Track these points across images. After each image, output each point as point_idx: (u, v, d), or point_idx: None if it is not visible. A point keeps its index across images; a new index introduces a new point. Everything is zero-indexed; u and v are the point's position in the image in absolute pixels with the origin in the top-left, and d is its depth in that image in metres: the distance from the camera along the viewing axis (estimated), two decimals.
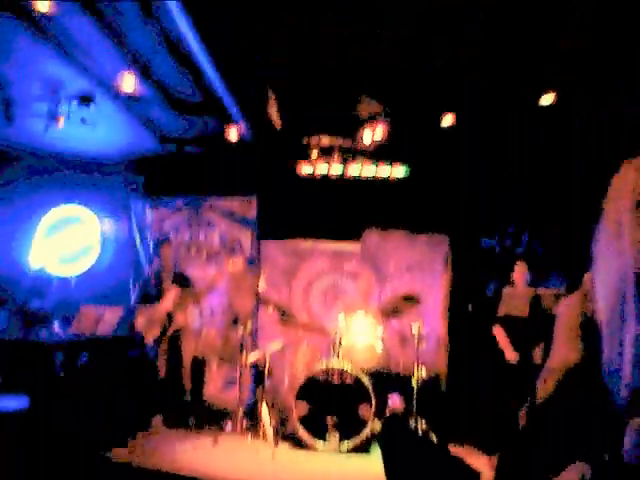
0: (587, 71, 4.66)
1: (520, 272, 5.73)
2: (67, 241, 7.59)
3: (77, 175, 7.59)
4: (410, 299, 5.94)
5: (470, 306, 6.63)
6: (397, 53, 4.65)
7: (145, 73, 5.07)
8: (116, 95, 5.37)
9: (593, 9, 3.79)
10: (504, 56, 4.56)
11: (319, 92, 5.43)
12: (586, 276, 4.71)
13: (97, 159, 7.41)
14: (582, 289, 4.80)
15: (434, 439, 5.38)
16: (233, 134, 6.26)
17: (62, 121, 5.69)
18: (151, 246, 7.38)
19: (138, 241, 7.48)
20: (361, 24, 4.22)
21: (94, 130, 6.01)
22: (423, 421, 5.61)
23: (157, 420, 5.98)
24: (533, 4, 3.87)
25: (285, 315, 6.03)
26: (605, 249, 2.11)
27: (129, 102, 5.64)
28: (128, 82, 4.93)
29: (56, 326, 5.86)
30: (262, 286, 6.66)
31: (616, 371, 2.00)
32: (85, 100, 5.57)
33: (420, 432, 5.45)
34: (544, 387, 4.44)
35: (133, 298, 6.58)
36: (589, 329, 4.39)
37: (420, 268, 7.14)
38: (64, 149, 7.01)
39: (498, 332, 5.57)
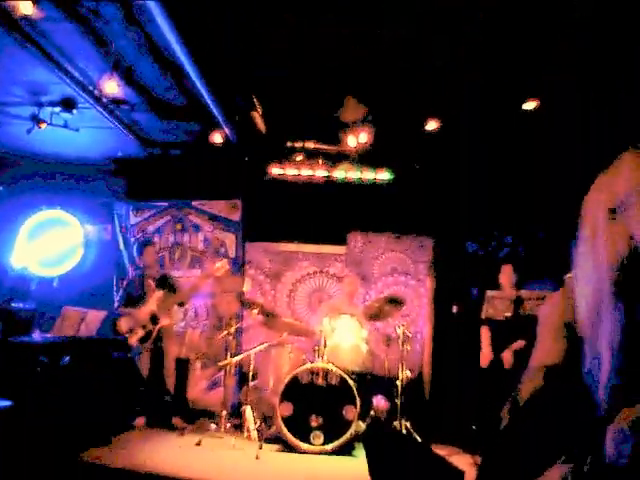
0: (570, 78, 4.73)
1: (507, 275, 5.79)
2: (50, 243, 7.54)
3: (60, 179, 7.56)
4: (395, 301, 5.96)
5: (454, 308, 6.67)
6: (382, 57, 4.69)
7: (128, 78, 5.08)
8: (99, 99, 5.37)
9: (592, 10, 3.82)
10: (489, 62, 4.62)
11: (304, 96, 5.46)
12: (568, 276, 4.77)
13: (80, 163, 7.38)
14: (564, 289, 4.86)
15: (418, 439, 5.41)
16: (217, 138, 6.28)
17: (45, 125, 5.68)
18: (134, 249, 7.36)
19: (121, 244, 7.46)
20: (351, 25, 4.24)
21: (77, 134, 6.00)
22: (407, 422, 5.65)
23: (140, 421, 5.96)
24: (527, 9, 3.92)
25: (270, 317, 6.04)
26: (583, 256, 2.16)
27: (112, 106, 5.64)
28: (111, 87, 4.93)
29: (38, 327, 5.82)
30: (247, 288, 6.67)
31: (595, 375, 2.05)
32: (68, 104, 5.56)
33: (404, 432, 5.48)
34: (527, 386, 4.48)
35: (116, 300, 6.56)
36: (572, 328, 4.43)
37: (405, 271, 7.20)
38: (47, 153, 6.98)
39: (483, 334, 5.64)
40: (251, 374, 5.71)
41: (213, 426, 5.63)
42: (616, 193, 2.11)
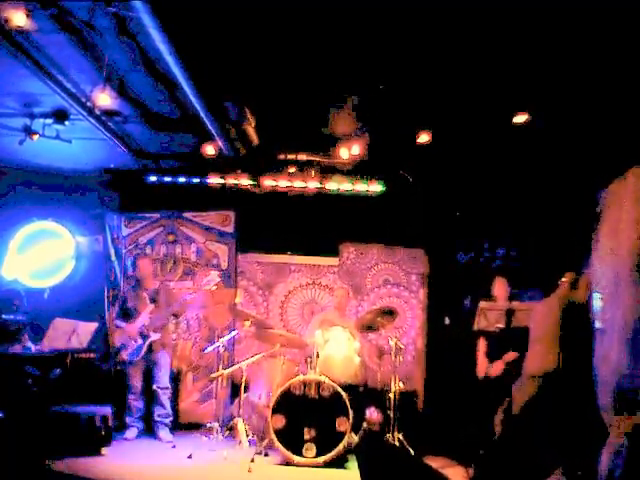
0: (558, 92, 4.79)
1: (500, 287, 5.82)
2: (41, 255, 7.49)
3: (51, 190, 7.52)
4: (387, 313, 5.96)
5: (446, 319, 6.69)
6: (373, 70, 4.72)
7: (121, 90, 5.08)
8: (92, 111, 5.37)
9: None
10: (480, 74, 4.66)
11: (296, 108, 5.48)
12: (563, 280, 4.79)
13: (72, 174, 7.35)
14: (558, 293, 4.87)
15: (411, 451, 5.39)
16: (210, 150, 6.29)
17: (37, 136, 5.67)
18: (126, 261, 7.33)
19: (113, 255, 7.42)
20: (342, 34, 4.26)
21: (69, 146, 5.98)
22: (400, 434, 5.63)
23: (131, 433, 5.93)
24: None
25: (262, 329, 6.02)
26: (603, 241, 2.26)
27: (105, 118, 5.64)
28: (104, 98, 4.94)
29: (28, 339, 5.77)
30: (239, 300, 6.66)
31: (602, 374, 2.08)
32: (60, 116, 5.55)
33: (397, 445, 5.46)
34: (520, 395, 4.49)
35: (108, 313, 6.53)
36: (569, 334, 4.43)
37: (397, 282, 7.22)
38: (39, 164, 6.95)
39: (480, 345, 5.67)
40: (243, 386, 5.68)
41: (205, 438, 5.59)
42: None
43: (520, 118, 5.22)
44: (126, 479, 4.37)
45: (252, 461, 5.05)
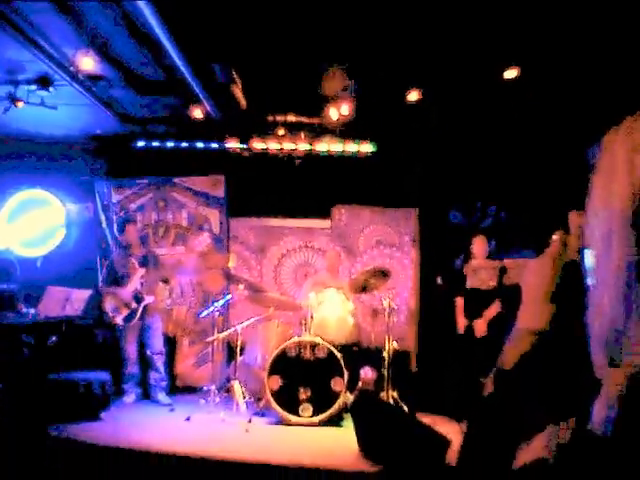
0: (551, 45, 4.71)
1: (479, 245, 5.86)
2: (32, 223, 7.45)
3: (39, 158, 7.44)
4: (380, 274, 5.99)
5: (439, 279, 6.73)
6: (363, 27, 4.63)
7: (104, 53, 4.97)
8: (75, 76, 5.26)
9: None
10: (471, 29, 4.58)
11: (284, 68, 5.38)
12: (554, 237, 4.80)
13: (59, 141, 7.25)
14: (550, 251, 4.89)
15: (405, 409, 5.49)
16: (198, 113, 6.19)
17: (22, 104, 5.57)
18: (117, 227, 7.30)
19: (104, 222, 7.39)
20: None
21: (55, 112, 5.88)
22: (395, 392, 5.72)
23: (129, 398, 6.00)
24: None
25: (256, 292, 6.05)
26: (598, 188, 2.26)
27: (89, 83, 5.53)
28: (87, 63, 4.83)
29: (22, 308, 5.79)
30: (232, 264, 6.67)
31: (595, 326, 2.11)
32: (44, 82, 5.44)
33: (391, 403, 5.56)
34: (511, 351, 4.54)
35: (100, 279, 6.53)
36: (562, 290, 4.46)
37: (390, 243, 7.23)
38: (25, 132, 6.85)
39: (458, 304, 5.75)
40: (239, 349, 5.74)
41: (202, 401, 5.67)
42: (634, 140, 2.21)
43: (511, 73, 5.15)
44: (126, 442, 4.43)
45: (249, 422, 5.14)
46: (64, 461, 4.19)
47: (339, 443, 4.80)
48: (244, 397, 5.59)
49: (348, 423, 5.17)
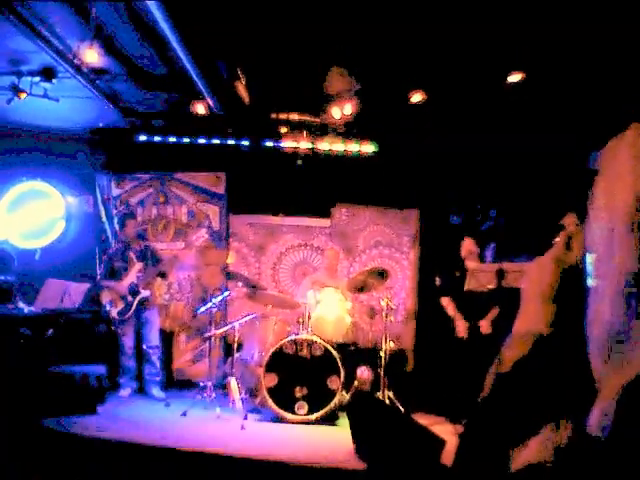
0: (554, 50, 4.72)
1: (468, 246, 5.87)
2: (31, 215, 7.44)
3: (40, 150, 7.42)
4: (379, 274, 6.00)
5: (437, 280, 6.73)
6: (368, 28, 4.63)
7: (109, 46, 4.97)
8: (79, 69, 5.26)
9: None
10: (477, 32, 4.58)
11: (288, 67, 5.39)
12: (556, 240, 4.79)
13: (61, 134, 7.24)
14: (552, 252, 4.88)
15: (401, 409, 5.50)
16: (200, 109, 6.19)
17: (25, 95, 5.57)
18: (116, 221, 7.30)
19: (103, 216, 7.38)
20: None
21: (57, 105, 5.88)
22: (391, 392, 5.73)
23: (125, 392, 6.01)
24: None
25: (254, 289, 6.05)
26: (601, 192, 2.28)
27: (93, 76, 5.53)
28: (91, 55, 4.83)
29: (20, 300, 5.78)
30: (231, 261, 6.67)
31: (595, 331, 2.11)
32: (48, 74, 5.44)
33: (387, 402, 5.57)
34: (510, 354, 4.53)
35: (98, 273, 6.53)
36: (563, 293, 4.46)
37: (389, 244, 7.24)
38: (27, 124, 6.84)
39: (447, 304, 5.75)
40: (236, 346, 5.75)
41: (198, 397, 5.67)
42: (638, 145, 2.23)
43: (515, 77, 5.16)
44: (121, 436, 4.43)
45: (245, 418, 5.15)
46: (59, 454, 4.19)
47: (334, 441, 4.80)
48: (240, 394, 5.59)
49: (344, 422, 5.18)
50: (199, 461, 4.15)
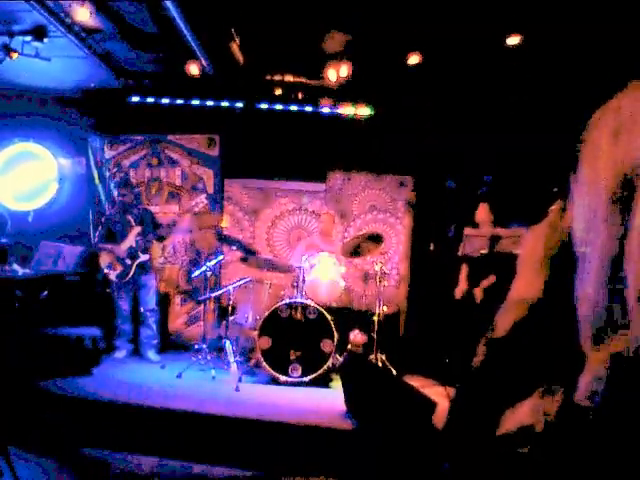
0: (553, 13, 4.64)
1: (483, 213, 5.84)
2: (23, 177, 7.36)
3: (32, 111, 7.31)
4: (373, 239, 6.01)
5: (431, 245, 6.74)
6: None
7: (100, 4, 4.85)
8: (71, 28, 5.15)
9: None
10: None
11: (283, 27, 5.28)
12: (552, 208, 4.78)
13: (53, 94, 7.12)
14: (548, 220, 4.88)
15: (393, 372, 5.58)
16: (194, 69, 6.09)
17: (16, 55, 5.46)
18: (111, 184, 7.24)
19: (97, 178, 7.32)
20: None
21: (49, 65, 5.77)
22: (383, 355, 5.80)
23: (121, 354, 6.06)
24: None
25: (248, 253, 6.06)
26: (583, 174, 2.26)
27: (84, 35, 5.41)
28: (83, 14, 4.73)
29: (14, 262, 5.78)
30: (225, 224, 6.66)
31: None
32: (39, 33, 5.33)
33: (380, 365, 5.64)
34: (504, 320, 4.57)
35: (94, 236, 6.51)
36: (557, 262, 4.47)
37: (383, 208, 7.22)
38: (19, 84, 6.72)
39: (463, 270, 5.75)
40: (230, 309, 5.78)
41: (193, 359, 5.73)
42: (620, 118, 2.20)
43: (513, 40, 5.09)
44: (116, 397, 4.48)
45: (239, 380, 5.21)
46: (54, 415, 4.23)
47: (327, 403, 4.88)
48: (235, 356, 5.65)
49: (337, 384, 5.26)
50: (194, 422, 4.21)
